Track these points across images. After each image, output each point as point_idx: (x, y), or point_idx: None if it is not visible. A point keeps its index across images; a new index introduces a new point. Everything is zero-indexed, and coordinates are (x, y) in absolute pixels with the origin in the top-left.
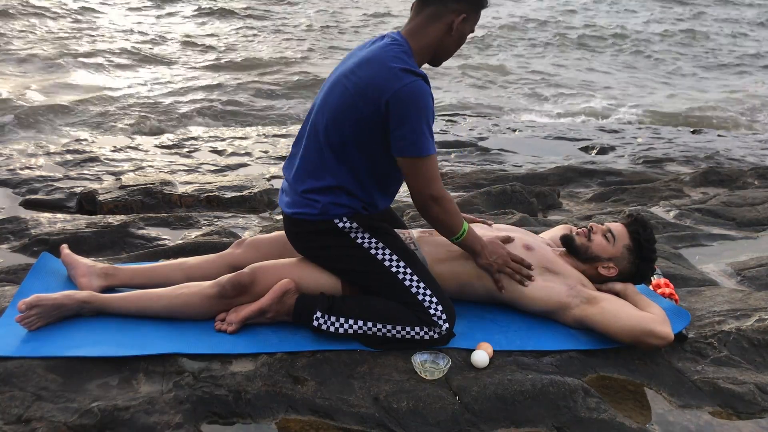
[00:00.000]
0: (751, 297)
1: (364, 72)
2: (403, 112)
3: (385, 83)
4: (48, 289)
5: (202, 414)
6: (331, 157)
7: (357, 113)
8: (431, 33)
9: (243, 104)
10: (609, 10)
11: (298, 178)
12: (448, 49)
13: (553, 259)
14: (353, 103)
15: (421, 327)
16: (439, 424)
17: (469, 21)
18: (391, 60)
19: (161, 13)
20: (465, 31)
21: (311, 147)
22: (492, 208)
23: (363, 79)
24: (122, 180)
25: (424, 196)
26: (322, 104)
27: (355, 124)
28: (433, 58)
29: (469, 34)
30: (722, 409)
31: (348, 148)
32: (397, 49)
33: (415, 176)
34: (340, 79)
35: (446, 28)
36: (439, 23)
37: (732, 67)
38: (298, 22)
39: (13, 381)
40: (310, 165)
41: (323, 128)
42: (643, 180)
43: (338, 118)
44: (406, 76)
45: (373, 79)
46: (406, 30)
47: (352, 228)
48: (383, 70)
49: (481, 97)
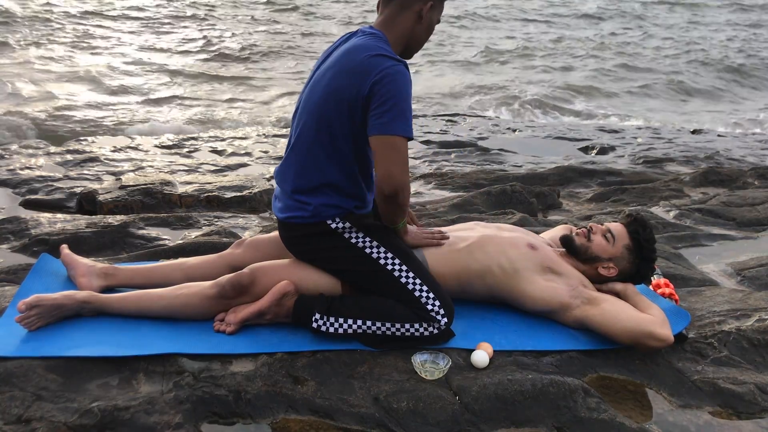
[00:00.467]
0: (751, 297)
1: (346, 62)
2: (387, 90)
3: (366, 69)
4: (48, 290)
5: (202, 414)
6: (320, 154)
7: (341, 102)
8: (402, 23)
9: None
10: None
11: (288, 180)
12: (419, 39)
13: (556, 259)
14: (337, 93)
15: (420, 323)
16: (439, 424)
17: (436, 9)
18: (373, 48)
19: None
20: (433, 19)
21: (300, 148)
22: (492, 208)
23: (346, 68)
24: (122, 180)
25: (396, 181)
26: (306, 103)
27: (341, 113)
28: (405, 48)
29: (437, 23)
30: (722, 409)
31: (336, 142)
32: (376, 40)
33: (390, 158)
34: (322, 75)
35: (416, 17)
36: (408, 12)
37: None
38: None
39: (13, 381)
40: (299, 166)
41: (310, 126)
42: (643, 180)
43: (325, 112)
44: (387, 61)
45: (357, 65)
46: (377, 23)
47: (345, 228)
48: (367, 57)
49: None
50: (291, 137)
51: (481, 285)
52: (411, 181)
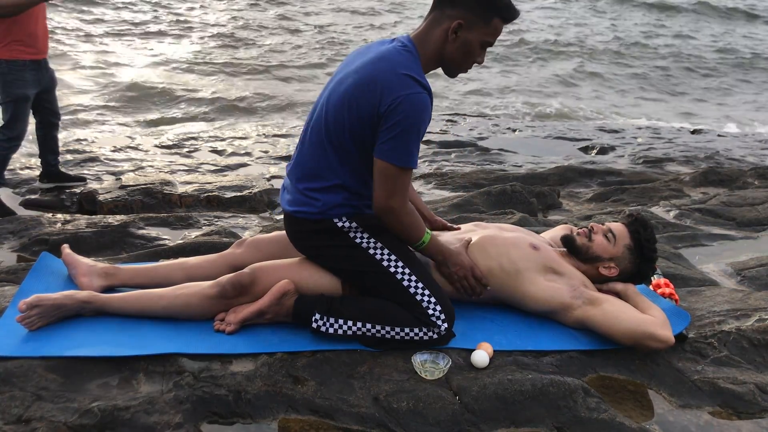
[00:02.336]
0: (751, 297)
1: (370, 72)
2: (399, 119)
3: (389, 87)
4: (48, 289)
5: (202, 414)
6: (334, 156)
7: (358, 111)
8: (433, 40)
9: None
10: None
11: (301, 176)
12: (453, 59)
13: (557, 259)
14: (356, 102)
15: (420, 328)
16: (439, 424)
17: (471, 29)
18: (399, 65)
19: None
20: (470, 39)
21: (315, 145)
22: (492, 208)
23: (367, 79)
24: (122, 180)
25: (385, 205)
26: (326, 102)
27: (355, 122)
28: (443, 66)
29: (480, 43)
30: (722, 409)
31: (349, 147)
32: (406, 55)
33: (384, 183)
34: (345, 78)
35: (444, 35)
36: (438, 29)
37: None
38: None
39: (13, 381)
40: (313, 163)
41: (327, 126)
42: (643, 180)
43: (340, 117)
44: (412, 86)
45: (378, 81)
46: (414, 34)
47: (351, 227)
48: (390, 74)
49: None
50: (306, 132)
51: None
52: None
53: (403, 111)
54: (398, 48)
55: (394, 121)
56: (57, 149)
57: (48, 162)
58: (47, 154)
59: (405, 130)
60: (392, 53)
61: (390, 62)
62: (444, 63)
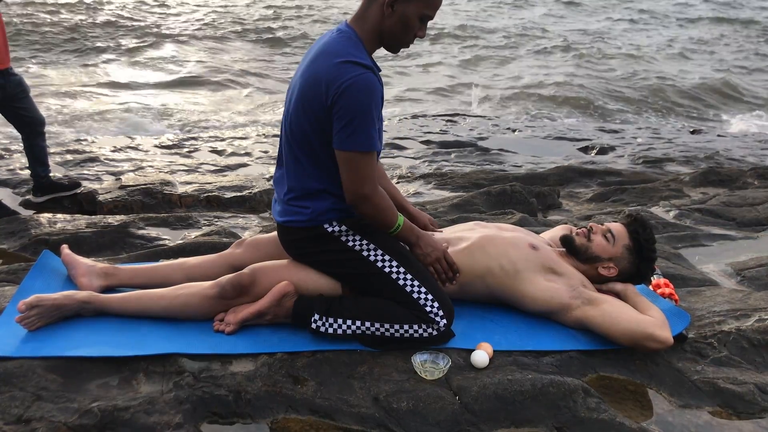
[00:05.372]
0: (751, 297)
1: (312, 72)
2: (346, 104)
3: (330, 79)
4: (48, 289)
5: (202, 414)
6: (308, 163)
7: (312, 114)
8: (371, 18)
9: None
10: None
11: (287, 189)
12: (393, 33)
13: (557, 259)
14: (308, 105)
15: (419, 324)
16: (439, 424)
17: (408, 2)
18: (336, 55)
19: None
20: (407, 12)
21: (289, 156)
22: (492, 208)
23: (311, 80)
24: (122, 180)
25: (357, 194)
26: (287, 113)
27: (314, 124)
28: (384, 43)
29: (418, 16)
30: (722, 409)
31: (318, 151)
32: (343, 42)
33: (351, 173)
34: (295, 85)
35: (380, 11)
36: (374, 5)
37: None
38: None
39: (13, 381)
40: (293, 174)
41: (293, 136)
42: (643, 180)
43: (301, 124)
44: (351, 70)
45: (320, 77)
46: (352, 18)
47: (342, 231)
48: (329, 67)
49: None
50: (281, 145)
51: (482, 285)
52: (411, 181)
53: (349, 96)
54: (335, 37)
55: (342, 111)
56: (45, 160)
57: (38, 175)
58: (36, 166)
59: (357, 114)
60: (329, 45)
61: (327, 55)
62: (384, 39)
